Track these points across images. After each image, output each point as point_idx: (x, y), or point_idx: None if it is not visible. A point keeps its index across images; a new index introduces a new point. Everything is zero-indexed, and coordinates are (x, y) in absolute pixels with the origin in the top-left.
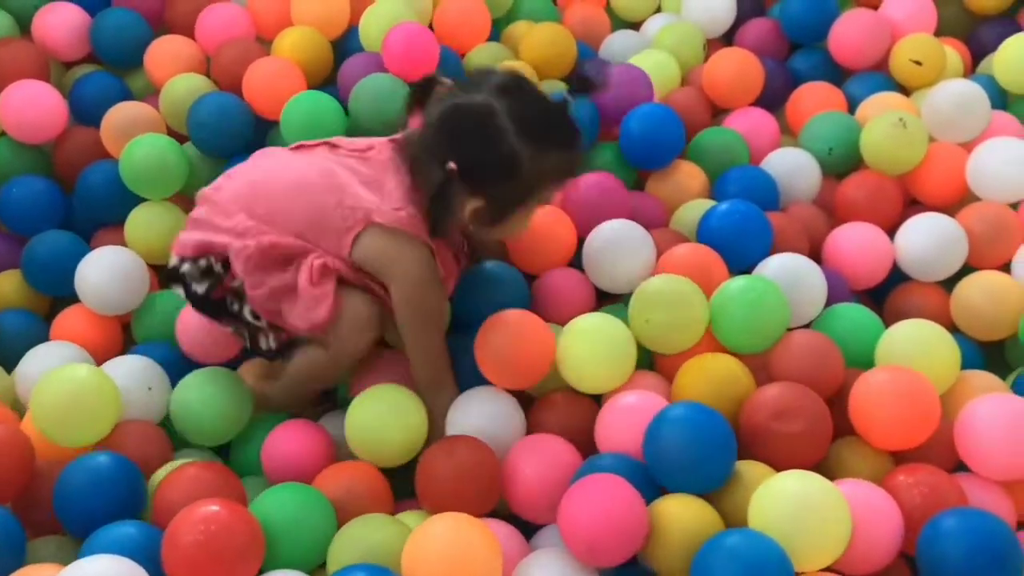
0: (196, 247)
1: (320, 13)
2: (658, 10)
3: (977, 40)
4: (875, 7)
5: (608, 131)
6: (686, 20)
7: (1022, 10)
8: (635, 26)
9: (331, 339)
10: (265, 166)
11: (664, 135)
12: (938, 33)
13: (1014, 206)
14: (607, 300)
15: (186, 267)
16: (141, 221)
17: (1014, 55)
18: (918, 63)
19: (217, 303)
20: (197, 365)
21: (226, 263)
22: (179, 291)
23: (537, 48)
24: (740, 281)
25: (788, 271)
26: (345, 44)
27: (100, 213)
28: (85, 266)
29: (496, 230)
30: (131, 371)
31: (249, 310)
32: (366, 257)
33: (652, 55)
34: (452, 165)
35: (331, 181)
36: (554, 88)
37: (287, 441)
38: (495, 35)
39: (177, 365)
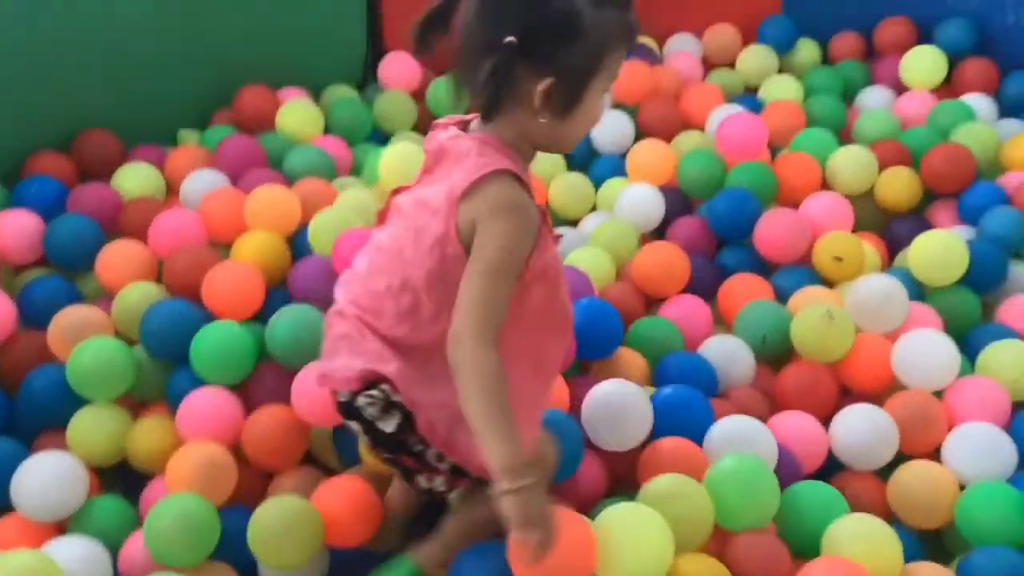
0: (360, 377)
1: (273, 217)
2: (593, 208)
3: (892, 234)
4: (795, 206)
5: None
6: (619, 218)
7: (929, 208)
8: (573, 223)
9: None
10: (371, 252)
11: (603, 328)
12: (855, 229)
13: (938, 394)
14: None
15: (362, 402)
16: (84, 424)
17: (926, 250)
18: (839, 259)
19: (400, 441)
20: None
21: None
22: (356, 427)
23: None
24: (729, 461)
25: (740, 433)
26: (297, 242)
27: (44, 417)
28: (21, 474)
29: (572, 119)
30: (73, 555)
31: (434, 453)
32: (468, 240)
33: (589, 251)
34: (511, 38)
35: (419, 214)
36: None
37: None
38: None
39: None
